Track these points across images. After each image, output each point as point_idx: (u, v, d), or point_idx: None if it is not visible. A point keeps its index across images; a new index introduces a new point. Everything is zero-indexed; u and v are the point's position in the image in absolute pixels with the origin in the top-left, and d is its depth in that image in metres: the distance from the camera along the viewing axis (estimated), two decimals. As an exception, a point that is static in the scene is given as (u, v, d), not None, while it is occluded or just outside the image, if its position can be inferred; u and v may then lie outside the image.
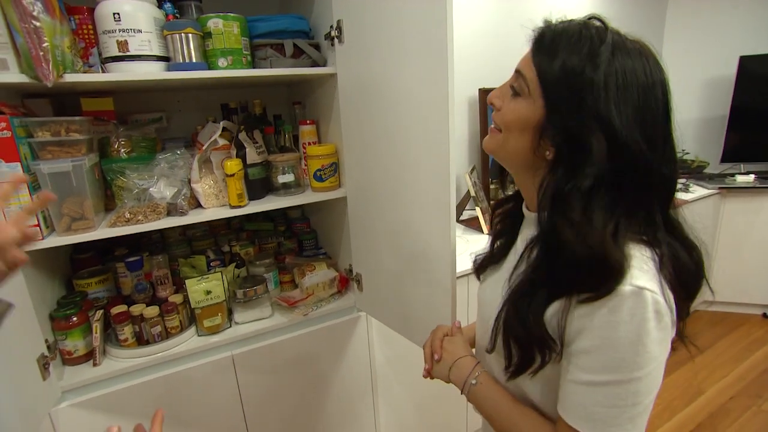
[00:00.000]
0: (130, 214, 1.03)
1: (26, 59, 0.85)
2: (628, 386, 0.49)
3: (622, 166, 0.50)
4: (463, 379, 0.68)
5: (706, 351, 2.38)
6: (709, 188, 2.45)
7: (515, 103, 0.57)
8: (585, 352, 0.50)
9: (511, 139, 0.58)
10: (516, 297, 0.57)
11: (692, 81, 2.81)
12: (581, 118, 0.50)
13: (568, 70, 0.51)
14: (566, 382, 0.53)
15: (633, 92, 0.50)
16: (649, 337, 0.48)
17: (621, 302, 0.47)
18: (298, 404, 1.33)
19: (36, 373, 0.93)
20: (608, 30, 0.52)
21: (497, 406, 0.64)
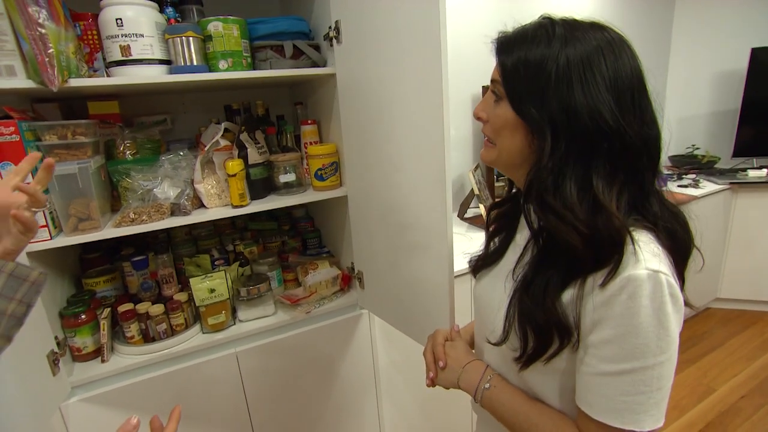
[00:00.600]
0: (135, 215, 1.05)
1: (32, 65, 0.88)
2: (653, 371, 0.49)
3: (598, 140, 0.51)
4: (474, 384, 0.67)
5: (717, 349, 2.34)
6: (719, 183, 2.40)
7: (498, 109, 0.59)
8: (607, 341, 0.50)
9: (504, 144, 0.60)
10: (528, 284, 0.57)
11: (702, 74, 2.76)
12: (542, 103, 0.52)
13: (523, 62, 0.54)
14: (586, 375, 0.53)
15: (595, 66, 0.51)
16: (669, 320, 0.48)
17: (640, 287, 0.48)
18: (302, 401, 1.35)
19: (46, 368, 0.96)
20: (556, 23, 0.55)
21: (514, 407, 0.63)
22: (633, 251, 0.50)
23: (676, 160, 2.74)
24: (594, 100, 0.51)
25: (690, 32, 2.74)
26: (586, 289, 0.52)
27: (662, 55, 2.80)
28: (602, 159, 0.52)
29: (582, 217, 0.51)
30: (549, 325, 0.54)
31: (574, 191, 0.52)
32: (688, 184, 2.41)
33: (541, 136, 0.54)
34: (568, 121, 0.52)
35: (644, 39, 2.63)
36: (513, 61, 0.55)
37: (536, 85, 0.53)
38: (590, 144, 0.52)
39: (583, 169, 0.52)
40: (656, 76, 0.55)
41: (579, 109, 0.51)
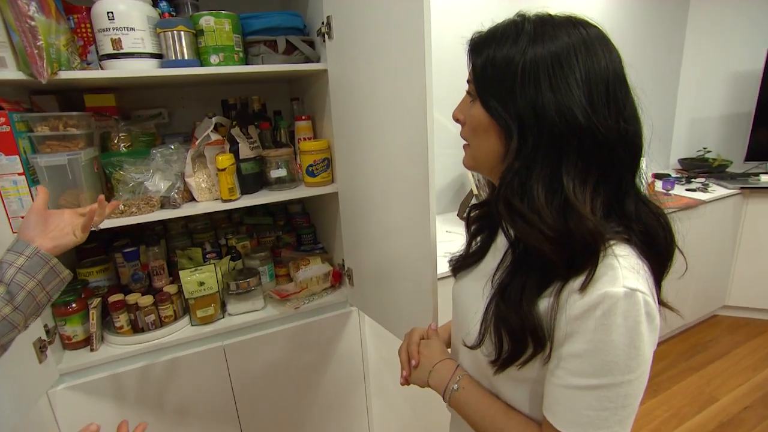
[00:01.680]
0: (124, 206, 1.07)
1: (22, 57, 0.89)
2: (619, 389, 0.48)
3: (568, 137, 0.49)
4: (444, 383, 0.67)
5: (722, 357, 2.29)
6: (729, 188, 2.33)
7: (473, 109, 0.57)
8: (576, 355, 0.49)
9: (479, 145, 0.58)
10: (504, 289, 0.57)
11: (716, 75, 2.68)
12: (509, 101, 0.51)
13: (491, 61, 0.53)
14: (554, 386, 0.52)
15: (565, 62, 0.50)
16: (642, 340, 0.47)
17: (615, 305, 0.47)
18: (289, 396, 1.35)
19: (33, 356, 0.98)
20: (527, 19, 0.54)
21: (481, 409, 0.62)
22: (611, 266, 0.48)
23: (686, 163, 2.67)
24: (563, 96, 0.49)
25: (704, 31, 2.66)
26: (561, 300, 0.50)
27: (675, 54, 2.72)
28: (573, 157, 0.50)
29: (549, 220, 0.49)
30: (523, 330, 0.53)
31: (541, 193, 0.50)
32: (697, 187, 2.35)
33: (509, 135, 0.53)
34: (535, 119, 0.50)
35: (656, 37, 2.57)
36: (482, 61, 0.54)
37: (504, 83, 0.52)
38: (559, 142, 0.50)
39: (552, 168, 0.51)
40: (668, 76, 0.52)
41: (546, 107, 0.49)
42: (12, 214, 0.95)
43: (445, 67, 1.44)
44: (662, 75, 2.66)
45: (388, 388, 1.49)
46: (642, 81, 0.56)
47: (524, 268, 0.55)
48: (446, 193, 2.06)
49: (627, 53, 0.55)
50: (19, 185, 0.95)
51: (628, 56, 0.55)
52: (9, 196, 0.94)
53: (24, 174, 0.95)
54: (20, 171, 0.94)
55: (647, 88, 0.56)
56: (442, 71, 1.50)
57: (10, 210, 0.95)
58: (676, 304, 0.57)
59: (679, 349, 2.38)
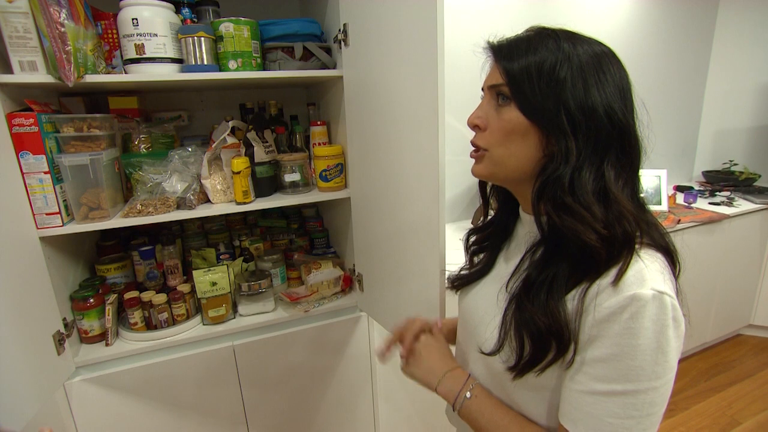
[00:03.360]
0: (142, 206, 1.10)
1: (52, 61, 0.93)
2: (645, 396, 0.47)
3: (613, 137, 0.52)
4: (455, 392, 0.65)
5: (746, 379, 2.19)
6: (757, 203, 2.25)
7: (505, 114, 0.56)
8: (601, 360, 0.49)
9: (513, 151, 0.57)
10: (530, 287, 0.56)
11: (744, 85, 2.59)
12: (558, 104, 0.52)
13: (536, 66, 0.53)
14: (575, 392, 0.51)
15: (605, 67, 0.53)
16: (669, 345, 0.47)
17: (644, 308, 0.46)
18: (297, 398, 1.36)
19: (51, 348, 1.01)
20: (556, 30, 0.56)
21: (494, 419, 0.60)
22: (638, 267, 0.49)
23: (711, 176, 2.59)
24: (607, 97, 0.52)
25: (732, 42, 2.58)
26: (586, 302, 0.50)
27: (701, 63, 2.64)
28: (614, 155, 0.53)
29: (600, 216, 0.51)
30: (548, 331, 0.52)
31: (591, 190, 0.52)
32: (722, 201, 2.27)
33: (559, 137, 0.53)
34: (585, 120, 0.52)
35: (683, 46, 2.50)
36: (521, 66, 0.54)
37: (550, 87, 0.52)
38: (605, 142, 0.52)
39: (597, 167, 0.53)
40: (694, 85, 0.55)
41: (596, 107, 0.51)
42: (37, 211, 0.99)
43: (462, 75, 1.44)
44: (688, 85, 2.59)
45: (395, 394, 1.48)
46: (668, 91, 0.58)
47: (552, 265, 0.55)
48: (461, 201, 2.05)
49: (653, 64, 0.58)
50: (45, 183, 0.99)
51: (655, 66, 0.58)
52: (35, 194, 0.99)
53: (49, 172, 0.99)
54: (46, 170, 0.98)
55: (673, 98, 0.59)
56: (458, 78, 1.51)
57: (36, 207, 0.99)
58: (697, 320, 0.57)
59: (700, 368, 2.29)
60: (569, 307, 0.52)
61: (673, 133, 2.61)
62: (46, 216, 1.01)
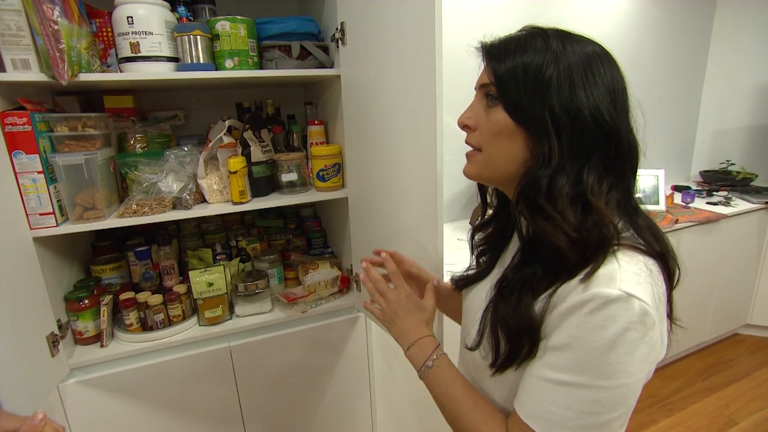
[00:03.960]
0: (137, 206, 1.09)
1: (45, 59, 0.92)
2: (588, 392, 0.47)
3: (598, 139, 0.52)
4: (421, 360, 0.67)
5: (743, 379, 2.20)
6: (754, 203, 2.25)
7: (493, 115, 0.56)
8: (554, 348, 0.49)
9: (500, 151, 0.57)
10: (505, 288, 0.57)
11: (741, 85, 2.59)
12: (542, 105, 0.52)
13: (522, 67, 0.53)
14: (528, 375, 0.53)
15: (594, 68, 0.52)
16: (627, 348, 0.46)
17: (604, 305, 0.46)
18: (294, 399, 1.35)
19: (45, 349, 1.00)
20: (546, 30, 0.55)
21: (451, 390, 0.63)
22: (611, 268, 0.48)
23: (708, 175, 2.59)
24: (594, 99, 0.51)
25: (729, 42, 2.58)
26: (554, 298, 0.50)
27: (699, 63, 2.64)
28: (597, 158, 0.52)
29: (572, 219, 0.50)
30: (519, 329, 0.53)
31: (566, 192, 0.51)
32: (719, 201, 2.27)
33: (543, 138, 0.52)
34: (570, 121, 0.51)
35: (680, 46, 2.50)
36: (508, 67, 0.54)
37: (536, 88, 0.52)
38: (589, 145, 0.52)
39: (578, 169, 0.52)
40: (691, 85, 0.54)
41: (581, 109, 0.51)
42: (30, 211, 0.98)
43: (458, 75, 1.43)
44: (686, 85, 2.59)
45: (393, 395, 1.48)
46: (665, 91, 0.57)
47: (528, 267, 0.55)
48: (459, 201, 2.04)
49: (651, 64, 0.56)
50: (38, 183, 0.98)
51: (652, 67, 0.56)
52: (28, 194, 0.97)
53: (43, 172, 0.98)
54: (39, 169, 0.97)
55: (670, 98, 0.58)
56: (455, 78, 1.50)
57: (29, 207, 0.98)
58: (695, 320, 0.56)
59: (697, 367, 2.30)
60: (540, 305, 0.52)
61: (671, 133, 2.61)
62: (40, 216, 1.00)
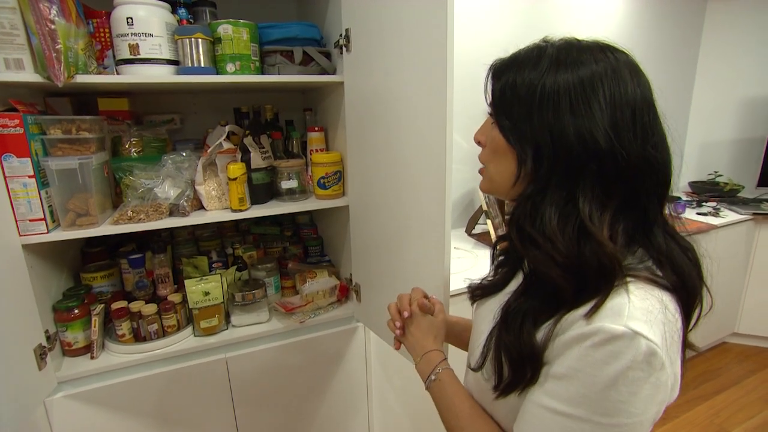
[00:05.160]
0: (133, 213, 1.05)
1: (40, 60, 0.88)
2: (585, 426, 0.45)
3: (585, 161, 0.48)
4: (427, 371, 0.69)
5: (732, 387, 2.23)
6: (742, 213, 2.30)
7: (493, 131, 0.57)
8: (556, 377, 0.48)
9: (497, 168, 0.58)
10: (508, 314, 0.55)
11: (729, 99, 2.67)
12: (526, 125, 0.51)
13: (510, 86, 0.52)
14: (528, 402, 0.51)
15: (588, 87, 0.48)
16: (629, 388, 0.43)
17: (608, 341, 0.43)
18: (291, 412, 1.32)
19: (32, 362, 0.95)
20: (551, 44, 0.53)
21: (452, 404, 0.63)
22: (620, 303, 0.45)
23: (697, 186, 2.64)
24: (584, 120, 0.48)
25: (718, 56, 2.66)
26: (558, 326, 0.48)
27: (688, 76, 2.71)
28: (590, 182, 0.48)
29: (561, 246, 0.47)
30: (521, 358, 0.51)
31: (554, 217, 0.49)
32: (708, 212, 2.31)
33: (523, 159, 0.52)
34: (552, 143, 0.49)
35: (670, 61, 2.57)
36: (501, 85, 0.54)
37: (521, 107, 0.52)
38: (576, 166, 0.48)
39: (568, 193, 0.49)
40: (680, 98, 0.52)
41: (565, 131, 0.48)
42: (20, 217, 0.94)
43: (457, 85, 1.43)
44: (674, 97, 2.65)
45: (390, 408, 1.45)
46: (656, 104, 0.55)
47: (531, 295, 0.54)
48: (454, 209, 2.04)
49: None
50: (29, 188, 0.94)
51: None
52: (18, 199, 0.93)
53: (34, 177, 0.94)
54: (31, 173, 0.93)
55: (660, 110, 0.55)
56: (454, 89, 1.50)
57: (18, 213, 0.94)
58: None
59: (687, 376, 2.32)
60: (543, 334, 0.50)
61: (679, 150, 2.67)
62: (30, 222, 0.95)
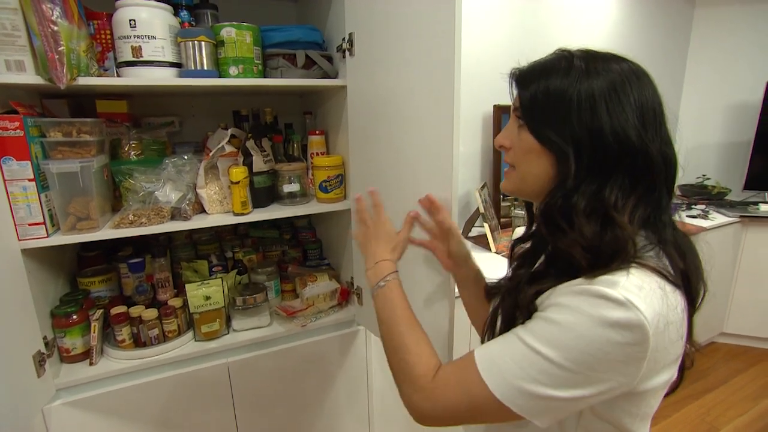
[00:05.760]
0: (134, 217, 1.04)
1: (42, 62, 0.87)
2: (545, 364, 0.48)
3: (621, 157, 0.52)
4: (375, 281, 0.72)
5: (721, 386, 2.28)
6: (729, 216, 2.36)
7: (522, 134, 0.60)
8: (541, 317, 0.51)
9: (529, 169, 0.60)
10: (514, 286, 0.59)
11: (716, 104, 2.74)
12: (563, 128, 0.54)
13: (543, 92, 0.55)
14: (510, 332, 0.54)
15: (620, 90, 0.53)
16: (604, 347, 0.46)
17: (599, 298, 0.47)
18: (292, 416, 1.31)
19: (31, 369, 0.93)
20: (574, 54, 0.57)
21: (394, 311, 0.67)
22: (619, 275, 0.48)
23: (686, 189, 2.70)
24: (619, 120, 0.52)
25: (706, 61, 2.73)
26: (559, 287, 0.52)
27: (676, 82, 2.78)
28: (621, 175, 0.53)
29: (588, 233, 0.52)
30: (517, 307, 0.56)
31: (582, 206, 0.53)
32: (698, 214, 2.37)
33: (563, 159, 0.55)
34: (591, 142, 0.53)
35: (659, 68, 2.60)
36: (532, 92, 0.57)
37: (557, 112, 0.54)
38: (612, 162, 0.53)
39: (599, 185, 0.53)
40: (669, 103, 0.57)
41: (603, 130, 0.52)
42: (19, 221, 0.92)
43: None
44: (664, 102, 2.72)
45: (391, 413, 1.45)
46: None
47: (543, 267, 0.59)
48: (451, 212, 2.05)
49: None
50: (29, 191, 0.92)
51: None
52: (17, 203, 0.91)
53: (34, 180, 0.92)
54: (31, 177, 0.92)
55: None
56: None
57: (18, 217, 0.92)
58: None
59: (678, 376, 2.37)
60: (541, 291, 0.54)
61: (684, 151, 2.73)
62: (29, 227, 0.94)
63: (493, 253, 1.78)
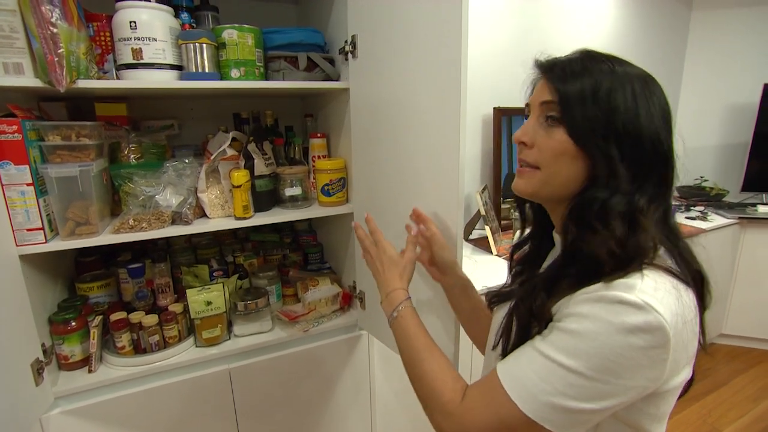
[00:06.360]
0: (135, 221, 1.02)
1: (41, 64, 0.85)
2: (569, 375, 0.47)
3: (655, 163, 0.53)
4: (390, 309, 0.72)
5: (722, 387, 2.28)
6: (728, 218, 2.37)
7: (555, 134, 0.56)
8: (559, 329, 0.50)
9: (560, 171, 0.56)
10: (529, 292, 0.57)
11: (713, 106, 2.75)
12: (607, 131, 0.52)
13: (591, 91, 0.53)
14: (526, 345, 0.54)
15: (654, 95, 0.54)
16: (625, 352, 0.45)
17: (618, 304, 0.46)
18: (295, 422, 1.29)
19: (29, 378, 0.91)
20: (604, 54, 0.57)
21: (410, 338, 0.66)
22: (634, 278, 0.48)
23: (684, 191, 2.71)
24: (656, 126, 0.52)
25: (703, 63, 2.75)
26: (575, 294, 0.51)
27: (674, 84, 2.80)
28: (655, 179, 0.53)
29: (619, 234, 0.51)
30: (532, 316, 0.55)
31: (618, 212, 0.52)
32: (696, 216, 2.37)
33: (604, 162, 0.53)
34: (631, 147, 0.52)
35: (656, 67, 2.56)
36: (576, 89, 0.53)
37: (603, 112, 0.52)
38: (647, 168, 0.53)
39: (633, 191, 0.53)
40: None
41: (642, 134, 0.52)
42: (17, 227, 0.90)
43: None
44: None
45: (394, 418, 1.44)
46: None
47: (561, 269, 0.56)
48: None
49: None
50: (27, 196, 0.90)
51: None
52: (15, 207, 0.90)
53: (33, 184, 0.90)
54: (29, 181, 0.90)
55: None
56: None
57: (16, 222, 0.90)
58: None
59: (678, 378, 2.37)
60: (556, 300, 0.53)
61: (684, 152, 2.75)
62: (27, 232, 0.92)
63: (495, 255, 1.77)
